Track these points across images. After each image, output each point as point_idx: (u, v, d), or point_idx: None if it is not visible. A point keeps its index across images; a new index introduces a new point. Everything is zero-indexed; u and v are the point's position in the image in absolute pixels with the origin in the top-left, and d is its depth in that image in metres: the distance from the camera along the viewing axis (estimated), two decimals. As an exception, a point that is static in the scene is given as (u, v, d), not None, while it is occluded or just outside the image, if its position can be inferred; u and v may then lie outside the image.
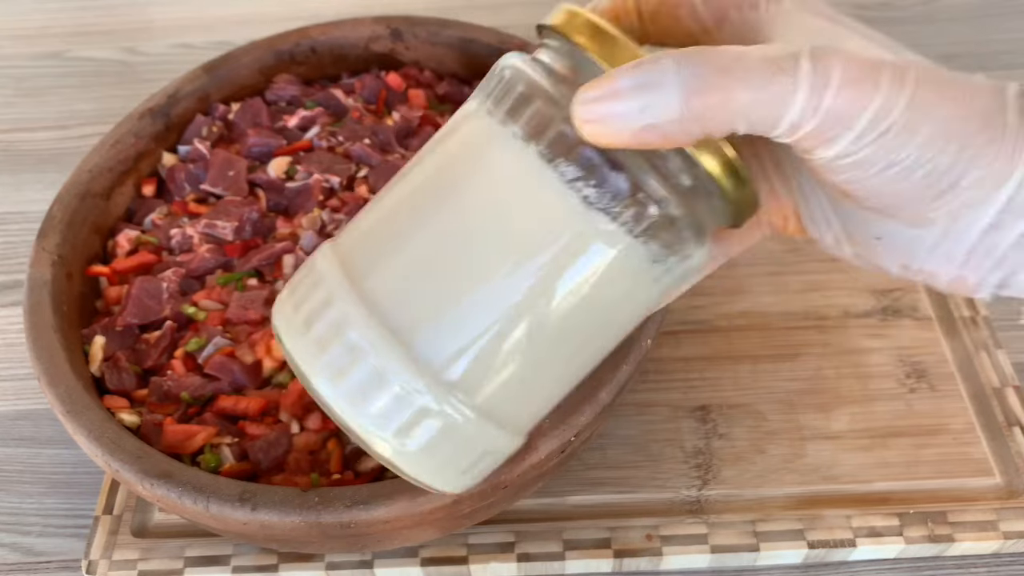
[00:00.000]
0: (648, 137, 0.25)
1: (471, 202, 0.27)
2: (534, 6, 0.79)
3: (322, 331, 0.28)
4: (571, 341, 0.29)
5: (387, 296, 0.27)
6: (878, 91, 0.25)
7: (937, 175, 0.26)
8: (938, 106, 0.25)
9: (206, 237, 0.51)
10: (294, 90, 0.58)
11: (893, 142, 0.25)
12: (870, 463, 0.49)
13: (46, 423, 0.53)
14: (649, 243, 0.27)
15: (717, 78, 0.24)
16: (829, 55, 0.25)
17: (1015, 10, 0.77)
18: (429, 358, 0.27)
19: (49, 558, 0.48)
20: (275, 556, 0.46)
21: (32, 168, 0.68)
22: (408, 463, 0.29)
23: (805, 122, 0.25)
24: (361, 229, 0.30)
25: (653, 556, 0.46)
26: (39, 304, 0.45)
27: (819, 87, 0.24)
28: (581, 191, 0.26)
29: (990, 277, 0.28)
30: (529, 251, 0.27)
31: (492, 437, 0.29)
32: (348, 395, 0.28)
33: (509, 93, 0.27)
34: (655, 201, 0.27)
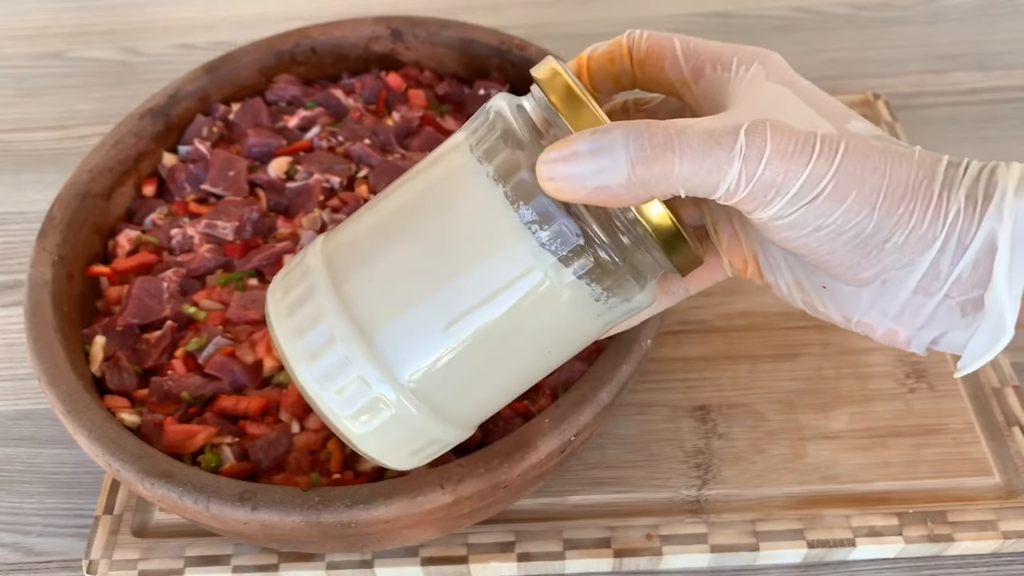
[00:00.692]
0: (600, 197, 0.28)
1: (440, 227, 0.31)
2: (534, 6, 0.79)
3: (303, 318, 0.32)
4: (515, 359, 0.32)
5: (358, 295, 0.31)
6: (808, 162, 0.27)
7: (863, 238, 0.28)
8: (863, 177, 0.28)
9: (206, 237, 0.51)
10: (294, 90, 0.58)
11: (820, 208, 0.28)
12: (870, 463, 0.49)
13: (46, 423, 0.53)
14: (592, 284, 0.31)
15: (659, 151, 0.27)
16: (764, 130, 0.27)
17: (1015, 10, 0.78)
18: (387, 356, 0.31)
19: (49, 558, 0.48)
20: (275, 556, 0.46)
21: (32, 168, 0.68)
22: (362, 442, 0.33)
23: (739, 190, 0.28)
24: (348, 232, 0.33)
25: (653, 556, 0.46)
26: (39, 304, 0.45)
27: (751, 161, 0.27)
28: (536, 233, 0.30)
29: (922, 334, 0.31)
30: (484, 278, 0.30)
31: (439, 429, 0.33)
32: (317, 376, 0.32)
33: (490, 135, 0.31)
34: (600, 250, 0.30)
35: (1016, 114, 0.69)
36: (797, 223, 0.28)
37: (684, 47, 0.32)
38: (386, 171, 0.53)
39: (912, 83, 0.71)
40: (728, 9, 0.80)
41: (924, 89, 0.71)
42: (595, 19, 0.79)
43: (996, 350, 0.29)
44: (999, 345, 0.29)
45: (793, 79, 0.30)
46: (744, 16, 0.79)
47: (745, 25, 0.78)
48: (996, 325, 0.28)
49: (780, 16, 0.79)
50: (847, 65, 0.73)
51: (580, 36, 0.76)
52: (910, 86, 0.71)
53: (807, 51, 0.75)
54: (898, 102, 0.69)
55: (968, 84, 0.71)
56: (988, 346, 0.29)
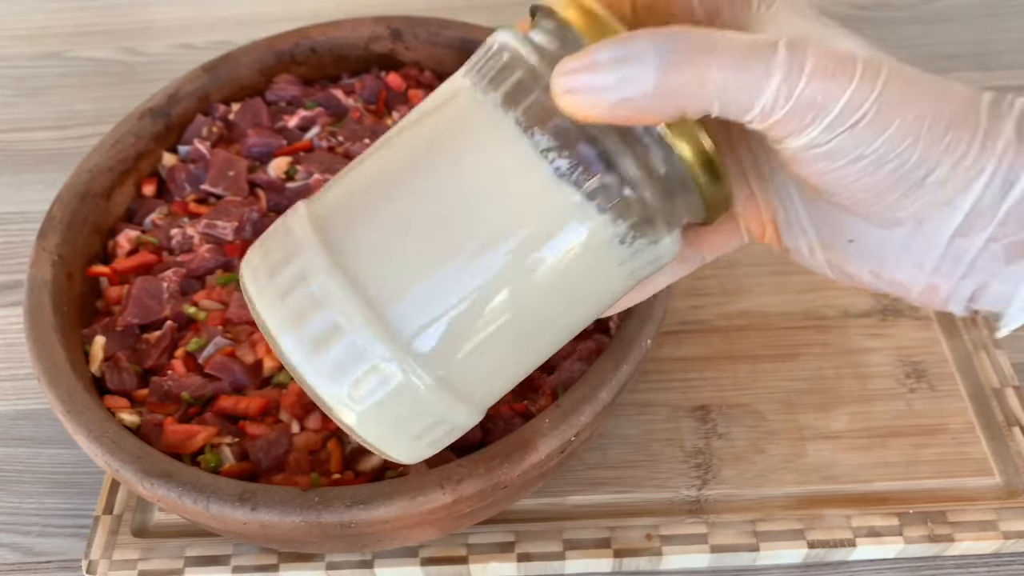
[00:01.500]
0: (623, 111, 0.25)
1: (446, 168, 0.27)
2: (534, 6, 0.79)
3: (286, 279, 0.28)
4: (532, 315, 0.29)
5: (356, 254, 0.27)
6: (850, 83, 0.25)
7: (904, 171, 0.26)
8: (909, 102, 0.25)
9: (206, 237, 0.51)
10: (294, 90, 0.58)
11: (862, 134, 0.25)
12: (870, 463, 0.49)
13: (46, 423, 0.53)
14: (617, 221, 0.27)
15: (694, 55, 0.24)
16: (806, 45, 0.25)
17: (1015, 10, 0.77)
18: (389, 317, 0.27)
19: (49, 558, 0.48)
20: (275, 556, 0.46)
21: (32, 168, 0.68)
22: (359, 422, 0.28)
23: (777, 108, 0.25)
24: (339, 188, 0.30)
25: (653, 556, 0.46)
26: (39, 304, 0.45)
27: (793, 74, 0.25)
28: (553, 161, 0.26)
29: (962, 287, 0.28)
30: (498, 218, 0.27)
31: (446, 405, 0.29)
32: (304, 344, 0.27)
33: (494, 63, 0.28)
34: (627, 180, 0.27)
35: (1016, 114, 0.69)
36: (835, 151, 0.26)
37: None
38: (386, 171, 0.53)
39: (912, 83, 0.71)
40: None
41: (924, 89, 0.71)
42: (595, 19, 0.79)
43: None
44: None
45: (818, 15, 0.28)
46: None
47: (745, 25, 0.78)
48: None
49: (780, 16, 0.79)
50: (847, 65, 0.73)
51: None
52: (910, 86, 0.71)
53: (807, 51, 0.75)
54: (898, 102, 0.69)
55: (968, 84, 0.71)
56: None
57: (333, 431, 0.44)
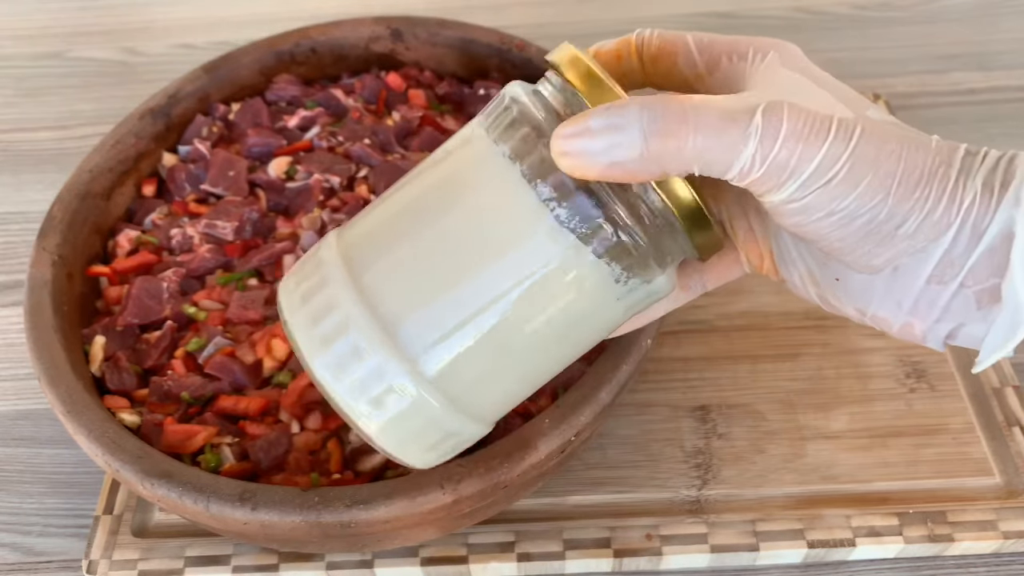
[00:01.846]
0: (613, 172, 0.28)
1: (458, 210, 0.30)
2: (534, 6, 0.79)
3: (317, 306, 0.31)
4: (535, 346, 0.32)
5: (375, 284, 0.31)
6: (823, 144, 0.27)
7: (876, 224, 0.28)
8: (879, 161, 0.27)
9: (206, 237, 0.51)
10: (294, 90, 0.58)
11: (834, 191, 0.27)
12: (870, 463, 0.49)
13: (46, 423, 0.53)
14: (612, 264, 0.30)
15: (674, 125, 0.27)
16: (782, 109, 0.27)
17: (1015, 10, 0.78)
18: (404, 343, 0.30)
19: (49, 558, 0.48)
20: (275, 556, 0.46)
21: (32, 168, 0.68)
22: (377, 434, 0.32)
23: (754, 170, 0.27)
24: (364, 223, 0.33)
25: (653, 556, 0.46)
26: (39, 304, 0.45)
27: (767, 139, 0.27)
28: (554, 211, 0.29)
29: (937, 328, 0.30)
30: (504, 259, 0.30)
31: (456, 422, 0.32)
32: (329, 364, 0.31)
33: (505, 116, 0.31)
34: (619, 228, 0.30)
35: (1016, 114, 0.69)
36: (810, 207, 0.28)
37: (698, 42, 0.32)
38: (386, 171, 0.53)
39: (912, 83, 0.71)
40: (728, 9, 0.80)
41: (924, 89, 0.71)
42: (595, 19, 0.79)
43: (1015, 342, 0.28)
44: (1017, 337, 0.28)
45: (810, 68, 0.30)
46: (744, 16, 0.79)
47: (745, 25, 0.78)
48: (1014, 315, 0.28)
49: (780, 16, 0.79)
50: (847, 65, 0.73)
51: (580, 36, 0.76)
52: (910, 86, 0.71)
53: (807, 51, 0.74)
54: (898, 102, 0.69)
55: (968, 84, 0.71)
56: (1006, 338, 0.28)
57: (333, 431, 0.44)
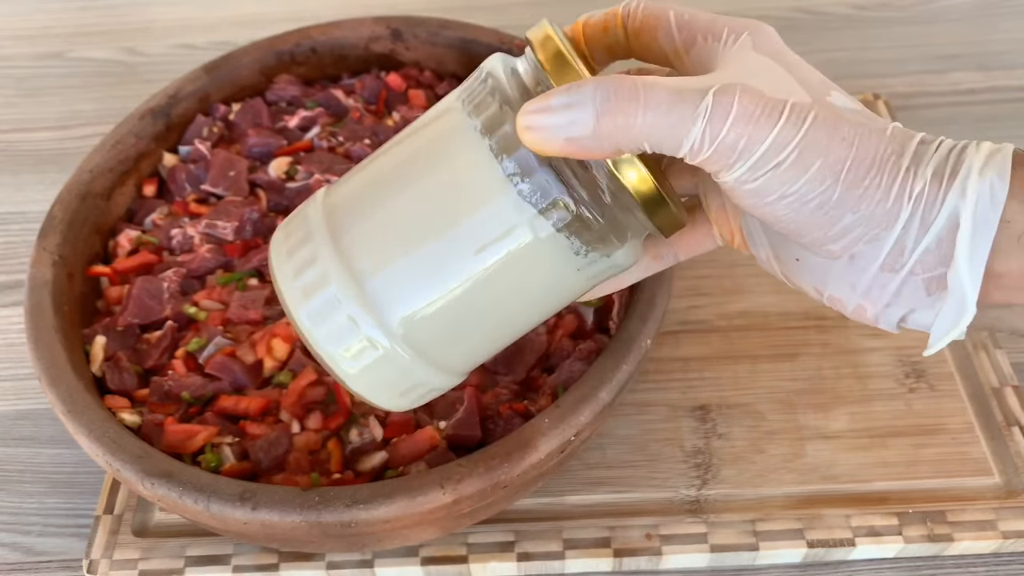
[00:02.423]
0: (571, 148, 0.28)
1: (429, 178, 0.32)
2: (534, 6, 0.79)
3: (300, 259, 0.33)
4: (498, 308, 0.33)
5: (352, 242, 0.33)
6: (773, 128, 0.27)
7: (827, 209, 0.28)
8: (830, 147, 0.28)
9: (207, 237, 0.51)
10: (295, 90, 0.58)
11: (784, 175, 0.28)
12: (869, 463, 0.49)
13: (46, 423, 0.53)
14: (571, 238, 0.31)
15: (624, 103, 0.28)
16: (733, 92, 0.27)
17: (1015, 10, 0.78)
18: (376, 297, 0.32)
19: (50, 558, 0.48)
20: (275, 555, 0.46)
21: (33, 168, 0.68)
22: (352, 380, 0.34)
23: (704, 149, 0.28)
24: (346, 185, 0.35)
25: (653, 555, 0.46)
26: (40, 304, 0.45)
27: (716, 120, 0.27)
28: (517, 185, 0.31)
29: (888, 312, 0.31)
30: (469, 227, 0.31)
31: (425, 372, 0.34)
32: (311, 314, 0.33)
33: (480, 90, 0.32)
34: (578, 205, 0.31)
35: (1016, 114, 0.69)
36: (761, 189, 0.28)
37: (678, 18, 0.33)
38: (386, 171, 0.53)
39: (912, 83, 0.71)
40: (728, 9, 0.79)
41: (924, 89, 0.71)
42: (595, 19, 0.79)
43: (960, 327, 0.29)
44: (963, 323, 0.29)
45: (781, 51, 0.31)
46: (744, 16, 0.79)
47: (745, 25, 0.78)
48: (958, 303, 0.28)
49: (780, 16, 0.79)
50: (847, 65, 0.73)
51: (580, 36, 0.76)
52: (910, 86, 0.71)
53: (807, 51, 0.74)
54: (898, 102, 0.69)
55: (968, 84, 0.71)
56: (952, 323, 0.29)
57: (333, 431, 0.44)
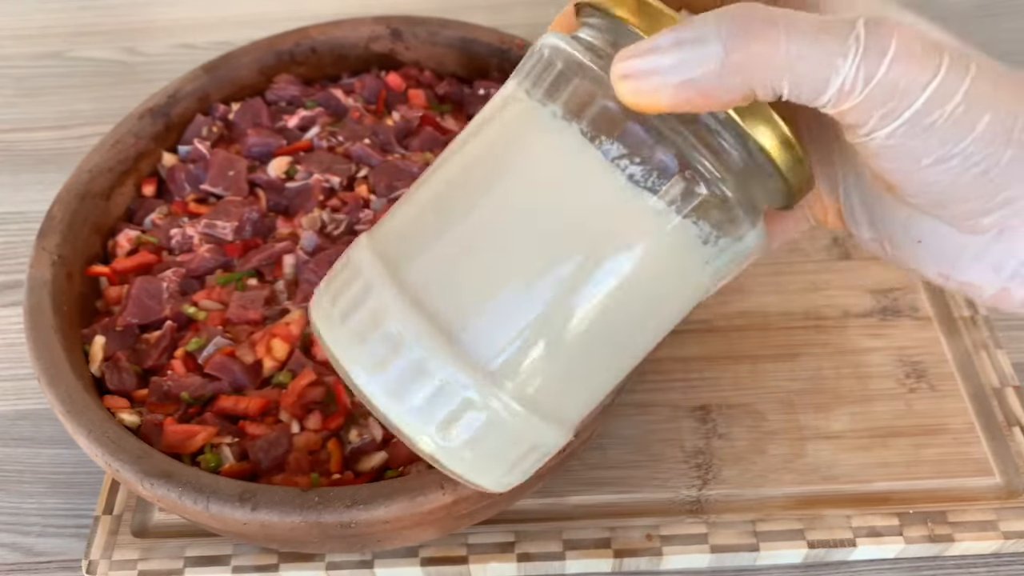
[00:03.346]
0: (688, 94, 0.23)
1: (512, 186, 0.26)
2: (534, 6, 0.79)
3: (360, 322, 0.27)
4: (621, 327, 0.28)
5: (427, 285, 0.27)
6: (937, 72, 0.23)
7: (993, 176, 0.24)
8: (1000, 100, 0.23)
9: (206, 237, 0.51)
10: (294, 90, 0.58)
11: (950, 131, 0.23)
12: (870, 463, 0.49)
13: (46, 423, 0.53)
14: (699, 223, 0.26)
15: (762, 28, 0.23)
16: (890, 25, 0.23)
17: (1015, 10, 0.77)
18: (473, 349, 0.26)
19: (49, 558, 0.48)
20: (275, 556, 0.46)
21: (32, 168, 0.68)
22: (452, 459, 0.28)
23: (855, 91, 0.23)
24: (399, 219, 0.29)
25: (653, 556, 0.46)
26: (39, 304, 0.45)
27: (873, 54, 0.22)
28: (626, 169, 0.25)
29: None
30: (574, 233, 0.26)
31: (539, 431, 0.28)
32: (388, 388, 0.27)
33: (548, 71, 0.26)
34: (704, 178, 0.26)
35: (1016, 114, 0.69)
36: (918, 150, 0.23)
37: None
38: (386, 171, 0.53)
39: (912, 83, 0.71)
40: (728, 9, 0.79)
41: (924, 89, 0.71)
42: (595, 19, 0.78)
43: None
44: None
45: (895, 4, 0.26)
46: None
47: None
48: None
49: (780, 16, 0.79)
50: (847, 65, 0.73)
51: (580, 36, 0.76)
52: (910, 86, 0.71)
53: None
54: (898, 102, 0.69)
55: (968, 84, 0.71)
56: None
57: (333, 431, 0.44)
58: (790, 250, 0.58)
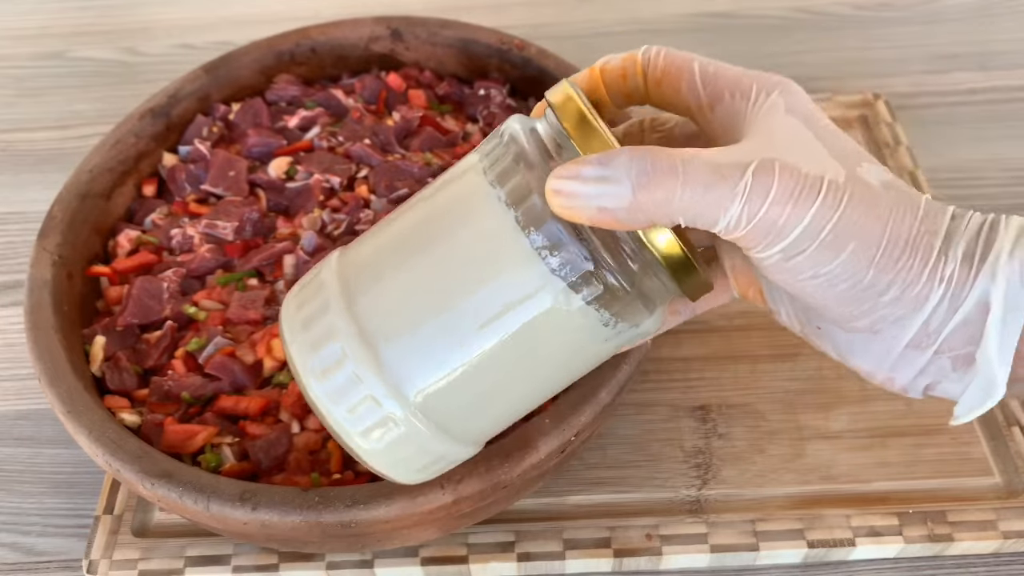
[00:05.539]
0: (603, 219, 0.28)
1: (450, 245, 0.31)
2: (534, 6, 0.79)
3: (316, 333, 0.32)
4: (522, 380, 0.33)
5: (370, 316, 0.31)
6: (810, 208, 0.27)
7: (859, 290, 0.28)
8: (865, 228, 0.27)
9: (206, 237, 0.51)
10: (294, 90, 0.58)
11: (818, 256, 0.28)
12: (869, 463, 0.49)
13: (46, 423, 0.53)
14: (601, 310, 0.31)
15: (662, 178, 0.27)
16: (773, 170, 0.27)
17: (1015, 10, 0.78)
18: (396, 373, 0.31)
19: (50, 558, 0.48)
20: (275, 556, 0.46)
21: (32, 168, 0.68)
22: (370, 457, 0.33)
23: (740, 227, 0.27)
24: (363, 249, 0.34)
25: (653, 556, 0.46)
26: (40, 304, 0.45)
27: (755, 199, 0.27)
28: (546, 259, 0.30)
29: (916, 383, 0.31)
30: (493, 300, 0.30)
31: (446, 446, 0.33)
32: (329, 393, 0.32)
33: (504, 157, 0.31)
34: (610, 276, 0.30)
35: (1016, 114, 0.69)
36: (794, 268, 0.28)
37: (703, 71, 0.31)
38: (386, 171, 0.53)
39: (912, 83, 0.71)
40: (728, 9, 0.79)
41: (924, 89, 0.71)
42: (594, 19, 0.79)
43: (989, 405, 0.29)
44: (991, 401, 0.29)
45: (812, 114, 0.30)
46: (744, 16, 0.79)
47: (745, 25, 0.78)
48: (988, 383, 0.29)
49: (780, 16, 0.79)
50: (847, 65, 0.73)
51: (579, 36, 0.76)
52: (910, 86, 0.71)
53: (807, 51, 0.75)
54: (898, 102, 0.69)
55: (968, 84, 0.71)
56: (981, 401, 0.29)
57: (333, 431, 0.44)
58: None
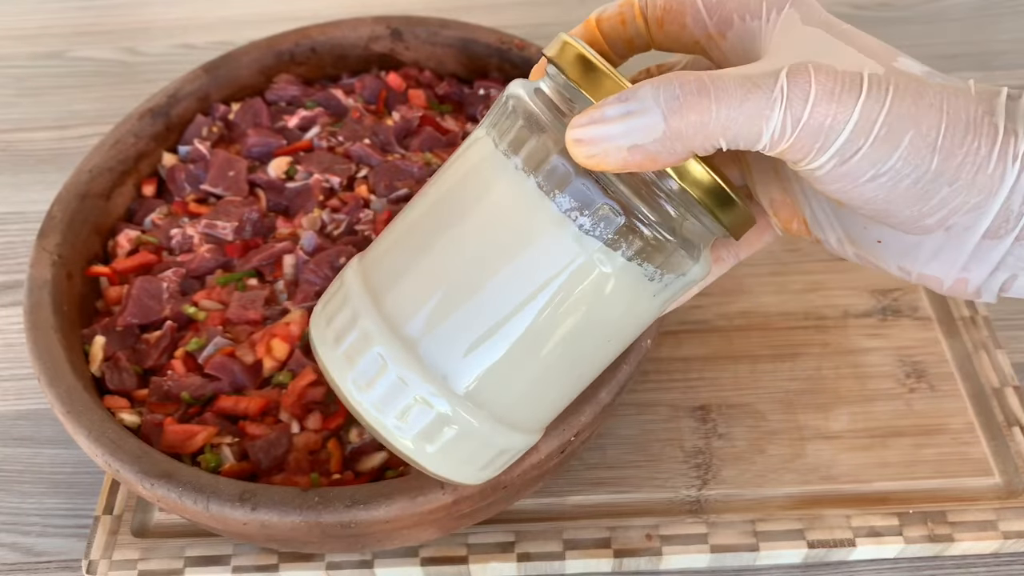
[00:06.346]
0: (635, 159, 0.26)
1: (476, 230, 0.29)
2: (534, 6, 0.79)
3: (351, 346, 0.31)
4: (573, 354, 0.31)
5: (403, 314, 0.30)
6: (856, 103, 0.25)
7: (925, 183, 0.26)
8: (919, 116, 0.26)
9: (206, 237, 0.51)
10: (294, 90, 0.58)
11: (876, 153, 0.26)
12: (869, 463, 0.49)
13: (46, 423, 0.53)
14: (644, 264, 0.29)
15: (693, 98, 0.25)
16: (807, 71, 0.25)
17: (1015, 10, 0.78)
18: (440, 369, 0.30)
19: (49, 558, 0.48)
20: (275, 556, 0.46)
21: (32, 168, 0.68)
22: (429, 462, 0.32)
23: (785, 137, 0.26)
24: (380, 249, 0.32)
25: (653, 556, 0.46)
26: (39, 304, 0.45)
27: (796, 102, 0.25)
28: (576, 220, 0.28)
29: (991, 281, 0.29)
30: (529, 275, 0.29)
31: (506, 437, 0.32)
32: (374, 402, 0.31)
33: (512, 125, 0.29)
34: (646, 227, 0.28)
35: (1016, 114, 0.69)
36: (852, 172, 0.26)
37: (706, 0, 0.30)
38: (386, 171, 0.53)
39: (912, 83, 0.71)
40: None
41: (924, 89, 0.71)
42: (595, 19, 0.78)
43: None
44: None
45: (830, 21, 0.28)
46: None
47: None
48: None
49: (780, 16, 0.79)
50: (847, 65, 0.73)
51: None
52: (910, 86, 0.71)
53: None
54: (898, 102, 0.69)
55: (968, 84, 0.71)
56: None
57: (333, 431, 0.44)
58: (790, 250, 0.58)
